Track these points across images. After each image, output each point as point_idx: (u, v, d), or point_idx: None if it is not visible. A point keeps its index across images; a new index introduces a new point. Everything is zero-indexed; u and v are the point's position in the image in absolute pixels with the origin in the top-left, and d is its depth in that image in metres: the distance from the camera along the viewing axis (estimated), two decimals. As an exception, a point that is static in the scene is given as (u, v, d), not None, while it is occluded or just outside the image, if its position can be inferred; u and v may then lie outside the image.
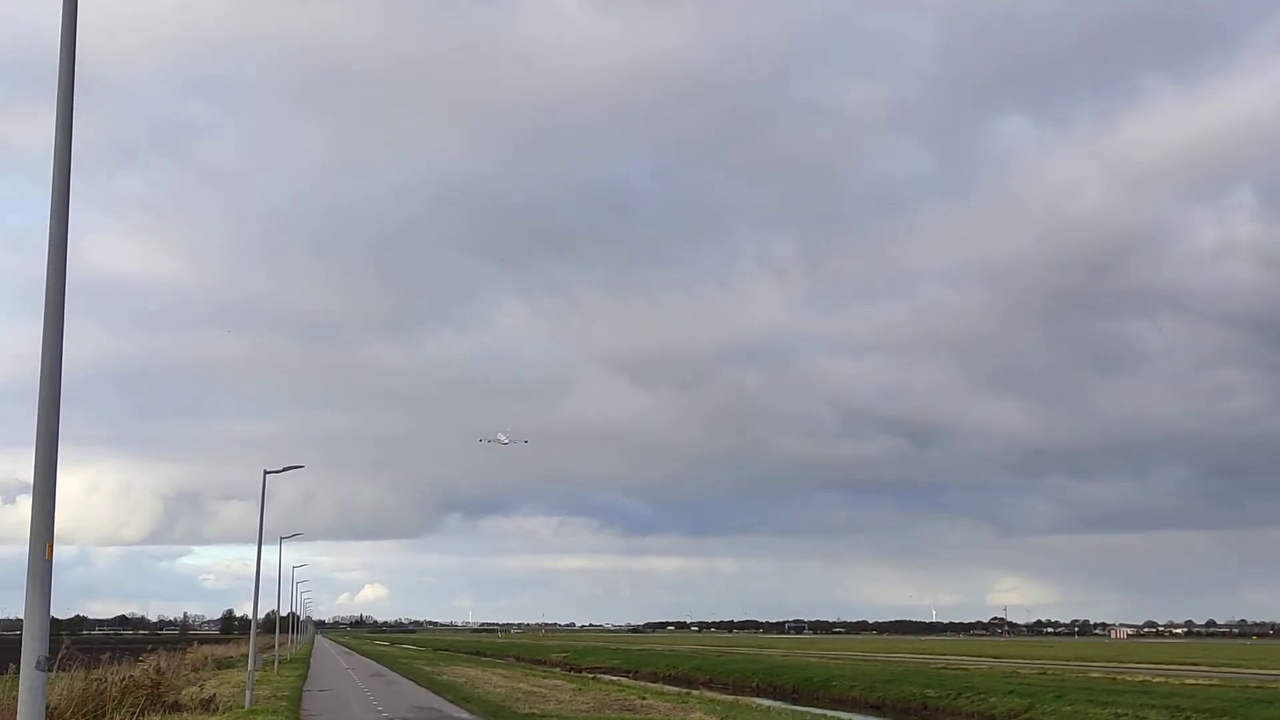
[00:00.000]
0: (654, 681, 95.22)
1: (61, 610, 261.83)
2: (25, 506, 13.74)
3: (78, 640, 44.88)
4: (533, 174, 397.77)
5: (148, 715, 34.09)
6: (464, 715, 45.95)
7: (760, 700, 70.66)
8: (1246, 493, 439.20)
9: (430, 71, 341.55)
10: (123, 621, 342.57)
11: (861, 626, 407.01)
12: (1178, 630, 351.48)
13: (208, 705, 41.94)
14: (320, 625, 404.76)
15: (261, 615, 61.21)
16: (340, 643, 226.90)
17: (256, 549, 49.92)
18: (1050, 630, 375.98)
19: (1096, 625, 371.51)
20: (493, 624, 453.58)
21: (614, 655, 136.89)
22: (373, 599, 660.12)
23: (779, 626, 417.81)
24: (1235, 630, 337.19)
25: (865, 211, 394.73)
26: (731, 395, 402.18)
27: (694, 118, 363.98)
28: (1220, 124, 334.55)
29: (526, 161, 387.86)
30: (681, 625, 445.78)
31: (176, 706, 39.12)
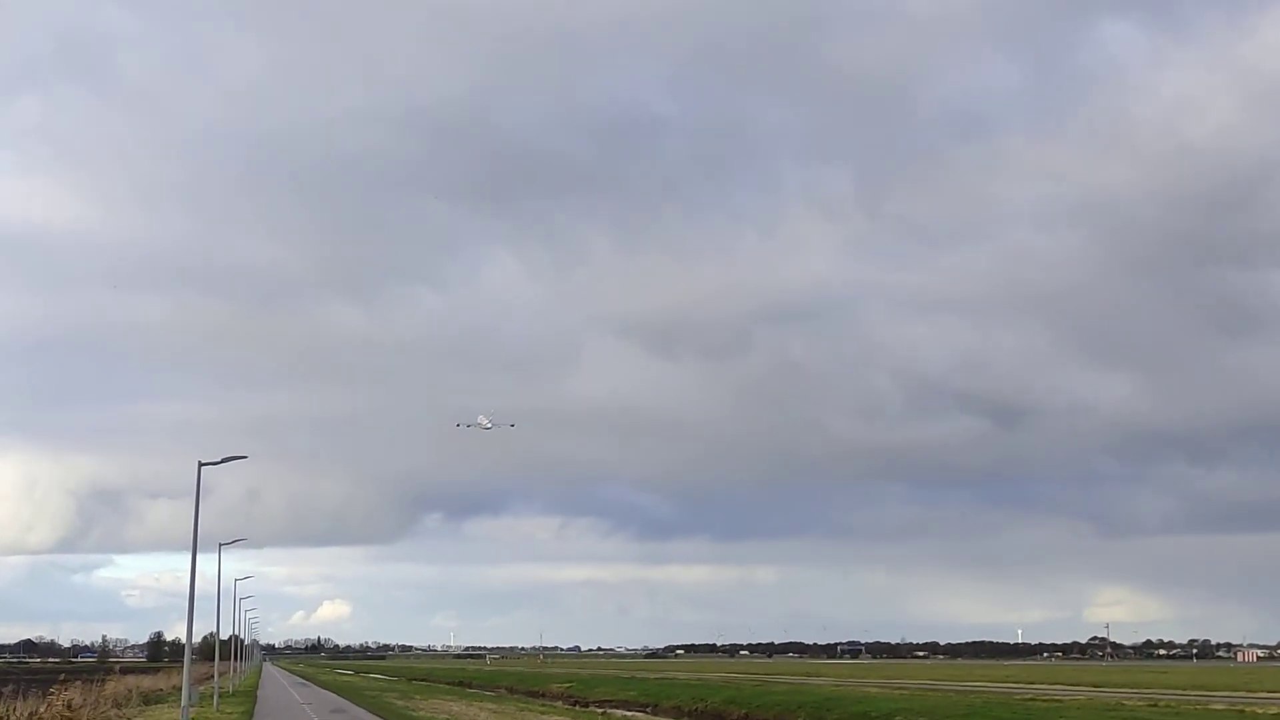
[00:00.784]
0: (677, 718, 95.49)
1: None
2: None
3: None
4: (523, 95, 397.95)
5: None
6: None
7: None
8: None
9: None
10: (29, 647, 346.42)
11: (932, 649, 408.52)
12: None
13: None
14: (269, 650, 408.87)
15: (198, 639, 61.43)
16: (294, 671, 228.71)
17: (191, 558, 50.03)
18: (1163, 653, 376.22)
19: (1220, 646, 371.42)
20: (480, 648, 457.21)
21: (628, 686, 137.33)
22: (333, 618, 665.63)
23: (830, 649, 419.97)
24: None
25: (938, 138, 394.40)
26: (771, 366, 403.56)
27: (725, 22, 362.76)
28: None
29: (516, 79, 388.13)
30: (710, 649, 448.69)
31: (94, 750, 39.36)
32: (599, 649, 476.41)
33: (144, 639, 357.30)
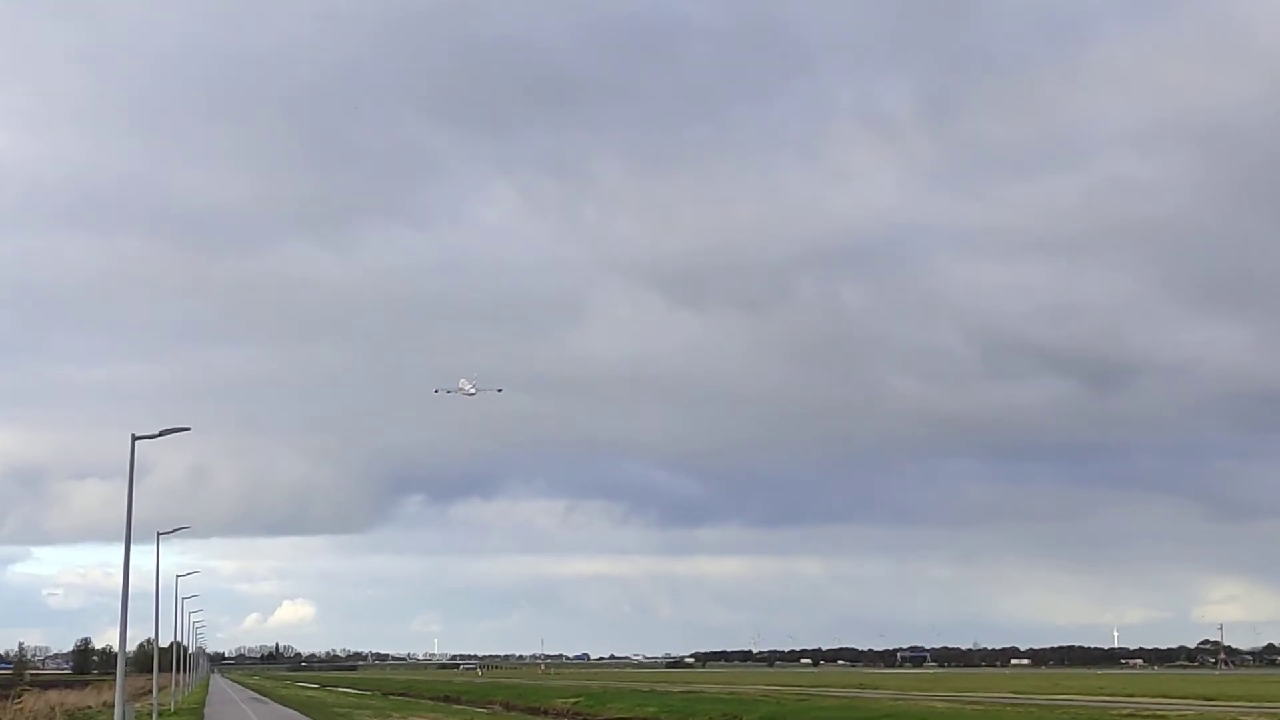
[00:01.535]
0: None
1: None
2: None
3: None
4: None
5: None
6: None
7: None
8: None
9: None
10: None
11: (1010, 655, 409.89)
12: None
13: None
14: (219, 660, 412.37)
15: (133, 646, 61.87)
16: (248, 685, 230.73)
17: (124, 550, 50.36)
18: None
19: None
20: (470, 656, 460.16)
21: (647, 701, 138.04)
22: (295, 622, 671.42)
23: (888, 657, 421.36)
24: None
25: (1017, 43, 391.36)
26: (819, 319, 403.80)
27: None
28: None
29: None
30: (746, 656, 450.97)
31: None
32: (611, 657, 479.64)
33: (68, 647, 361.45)
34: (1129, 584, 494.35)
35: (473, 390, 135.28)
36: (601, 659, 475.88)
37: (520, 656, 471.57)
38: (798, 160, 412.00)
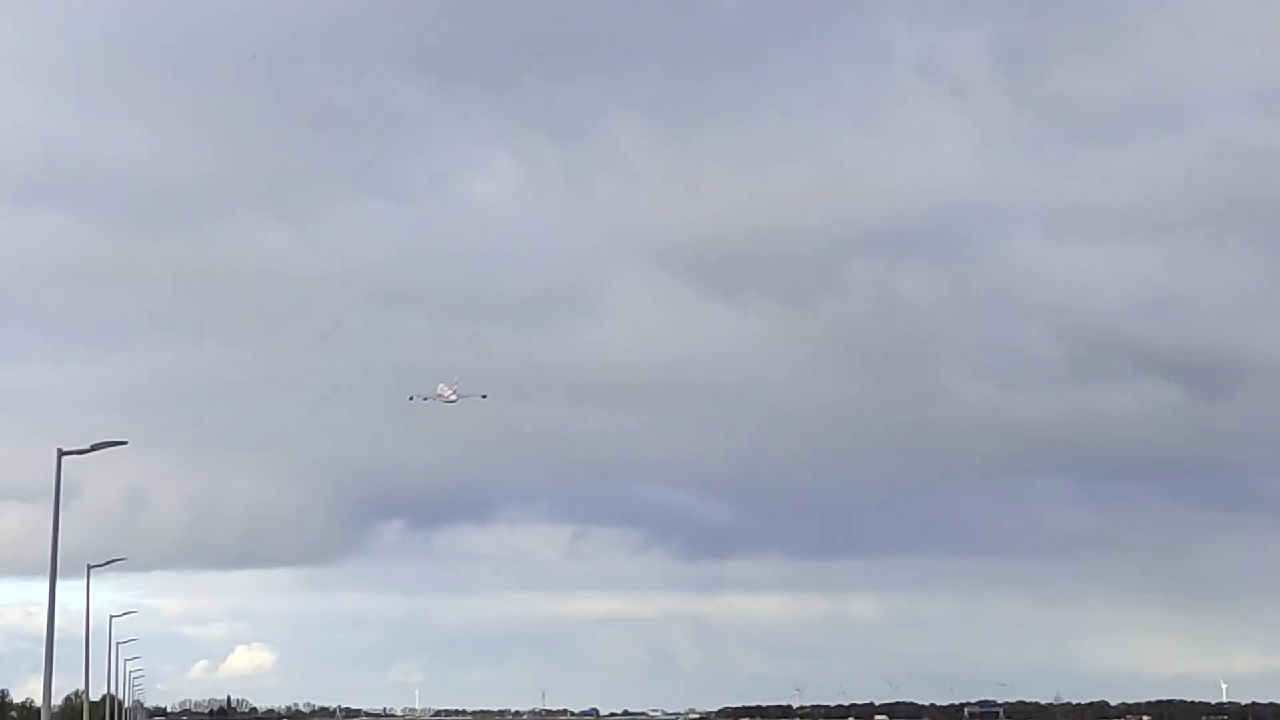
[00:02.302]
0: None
1: None
2: None
3: None
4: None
5: None
6: None
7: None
8: None
9: None
10: None
11: (1099, 711, 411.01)
12: None
13: None
14: (160, 716, 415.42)
15: (58, 699, 64.75)
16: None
17: (49, 586, 52.99)
18: None
19: None
20: (458, 712, 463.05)
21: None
22: (250, 671, 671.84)
23: (955, 713, 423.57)
24: None
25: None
26: (873, 311, 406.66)
27: None
28: None
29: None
30: (785, 712, 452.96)
31: None
32: (625, 712, 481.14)
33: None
34: (1241, 626, 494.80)
35: (453, 397, 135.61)
36: (613, 715, 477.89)
37: (517, 712, 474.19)
38: (850, 123, 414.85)
